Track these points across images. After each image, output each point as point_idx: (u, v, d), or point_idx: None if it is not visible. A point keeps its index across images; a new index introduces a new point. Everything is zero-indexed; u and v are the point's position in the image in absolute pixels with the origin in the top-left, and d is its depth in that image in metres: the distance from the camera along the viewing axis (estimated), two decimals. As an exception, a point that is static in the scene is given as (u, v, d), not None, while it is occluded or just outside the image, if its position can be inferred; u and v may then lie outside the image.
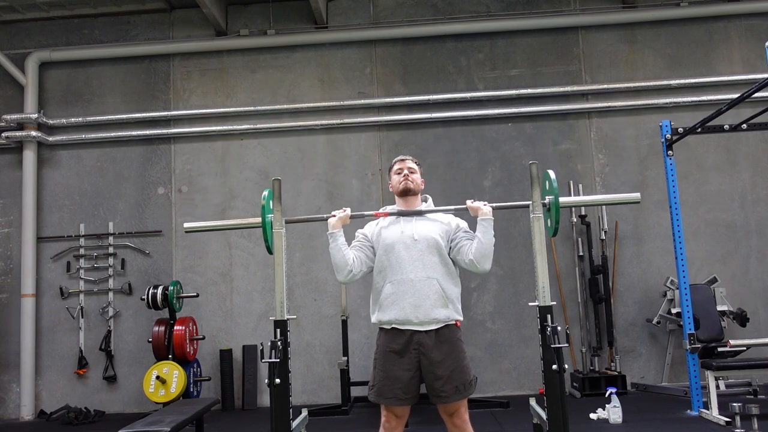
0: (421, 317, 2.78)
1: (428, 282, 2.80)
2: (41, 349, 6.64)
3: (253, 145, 6.88)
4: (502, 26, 6.86)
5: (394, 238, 2.88)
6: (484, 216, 2.89)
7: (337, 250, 2.91)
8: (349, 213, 3.03)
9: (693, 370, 4.90)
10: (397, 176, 3.02)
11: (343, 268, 2.90)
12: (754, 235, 6.52)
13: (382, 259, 2.88)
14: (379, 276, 2.90)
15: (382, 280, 2.88)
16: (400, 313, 2.79)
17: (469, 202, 2.98)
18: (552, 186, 2.95)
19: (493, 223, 2.88)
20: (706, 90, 6.65)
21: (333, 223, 2.97)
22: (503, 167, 6.70)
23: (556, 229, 2.98)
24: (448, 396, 2.77)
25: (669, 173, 5.09)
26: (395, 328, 2.83)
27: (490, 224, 2.87)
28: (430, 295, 2.79)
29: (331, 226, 2.97)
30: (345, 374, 5.79)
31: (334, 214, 3.02)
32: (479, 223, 2.89)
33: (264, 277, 6.63)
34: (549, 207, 2.98)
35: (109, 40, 7.06)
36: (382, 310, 2.84)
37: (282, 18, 6.99)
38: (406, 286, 2.80)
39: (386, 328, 2.86)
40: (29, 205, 6.70)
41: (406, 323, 2.80)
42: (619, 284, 6.49)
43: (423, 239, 2.86)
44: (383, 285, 2.86)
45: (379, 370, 2.83)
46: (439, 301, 2.80)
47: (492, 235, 2.86)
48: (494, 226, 2.90)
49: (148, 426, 3.60)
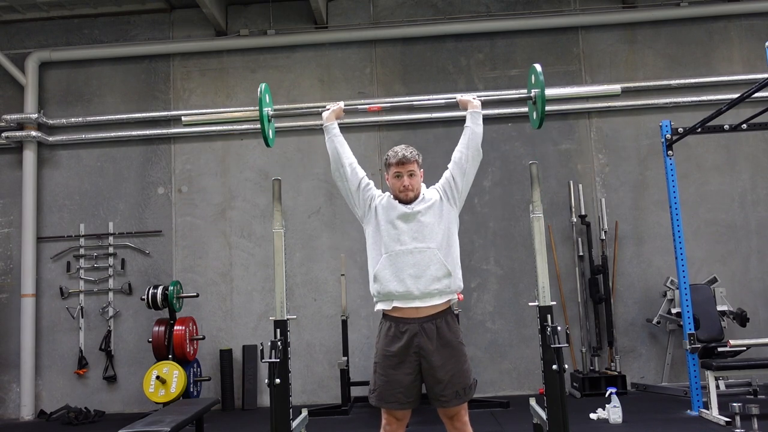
0: (422, 288, 2.70)
1: (428, 252, 2.74)
2: (41, 349, 6.64)
3: (253, 145, 6.87)
4: (502, 26, 6.86)
5: (393, 209, 2.82)
6: (473, 108, 2.96)
7: (335, 141, 2.93)
8: (342, 105, 3.06)
9: (693, 370, 4.90)
10: (396, 181, 2.92)
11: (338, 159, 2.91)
12: (754, 235, 6.52)
13: (381, 229, 2.81)
14: (377, 248, 2.81)
15: (379, 252, 2.79)
16: (400, 284, 2.71)
17: (459, 95, 3.06)
18: (538, 79, 3.03)
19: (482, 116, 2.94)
20: (706, 90, 6.65)
21: (327, 115, 2.99)
22: (503, 167, 6.70)
23: (541, 120, 3.06)
24: (449, 400, 2.73)
25: (669, 173, 5.09)
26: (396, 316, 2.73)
27: (480, 115, 2.95)
28: (430, 265, 2.72)
29: (325, 119, 2.98)
30: (345, 374, 5.79)
31: (327, 107, 3.03)
32: (469, 114, 2.94)
33: (264, 277, 6.63)
34: (535, 100, 3.07)
35: (109, 40, 7.06)
36: (381, 282, 2.76)
37: (282, 18, 6.99)
38: (406, 257, 2.73)
39: (387, 314, 2.78)
40: (29, 205, 6.70)
41: (407, 297, 2.71)
42: (619, 284, 6.49)
43: (424, 209, 2.80)
44: (381, 257, 2.78)
45: (380, 374, 2.78)
46: (440, 270, 2.73)
47: (481, 124, 2.93)
48: (494, 226, 2.90)
49: (148, 426, 3.60)
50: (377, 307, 2.83)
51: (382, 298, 2.79)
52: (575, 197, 6.50)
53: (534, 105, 3.06)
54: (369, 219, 2.88)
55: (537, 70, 3.05)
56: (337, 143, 2.93)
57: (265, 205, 6.69)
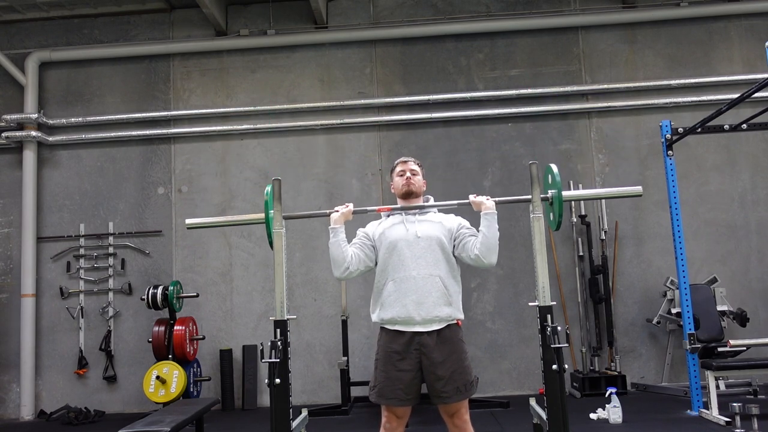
0: (424, 314, 2.76)
1: (431, 279, 2.79)
2: (41, 349, 6.64)
3: (253, 145, 6.88)
4: (502, 26, 6.86)
5: (397, 236, 2.88)
6: (487, 210, 2.89)
7: (336, 246, 2.90)
8: (351, 209, 3.03)
9: (693, 370, 4.90)
10: (399, 178, 3.01)
11: (341, 264, 2.90)
12: (754, 235, 6.52)
13: (385, 257, 2.87)
14: (381, 274, 2.89)
15: (384, 277, 2.87)
16: (402, 310, 2.77)
17: (472, 197, 2.99)
18: (555, 180, 2.96)
19: (497, 217, 2.88)
20: (706, 90, 6.65)
21: (335, 218, 2.98)
22: (503, 167, 6.70)
23: (559, 223, 3.00)
24: (449, 397, 2.76)
25: (669, 173, 5.09)
26: (397, 330, 2.82)
27: (494, 218, 2.87)
28: (432, 293, 2.78)
29: (333, 221, 2.97)
30: (345, 374, 5.79)
31: (336, 209, 3.02)
32: (483, 217, 2.89)
33: (264, 277, 6.63)
34: (552, 201, 3.00)
35: (109, 40, 7.06)
36: (384, 308, 2.83)
37: (282, 18, 6.99)
38: (409, 283, 2.79)
39: (388, 328, 2.85)
40: (29, 205, 6.70)
41: (409, 322, 2.78)
42: (619, 284, 6.49)
43: (426, 237, 2.85)
44: (385, 282, 2.85)
45: (381, 370, 2.82)
46: (441, 298, 2.79)
47: (496, 229, 2.86)
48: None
49: (148, 426, 3.60)
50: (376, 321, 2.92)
51: (384, 323, 2.87)
52: (575, 197, 6.50)
53: (551, 206, 3.02)
54: (379, 248, 2.95)
55: (553, 171, 2.98)
56: (344, 250, 2.91)
57: (265, 205, 6.67)
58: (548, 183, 3.04)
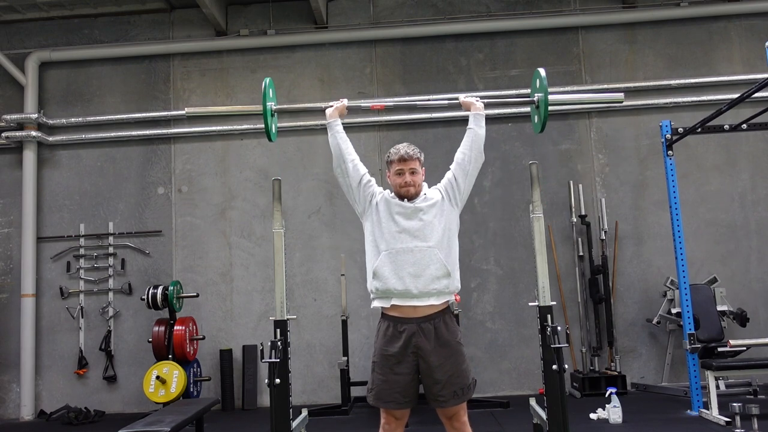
0: (421, 287, 2.69)
1: (428, 251, 2.72)
2: (41, 349, 6.64)
3: (253, 145, 6.88)
4: (502, 26, 6.86)
5: (393, 206, 2.81)
6: (476, 111, 2.96)
7: (337, 137, 2.95)
8: (346, 103, 3.07)
9: (693, 370, 4.90)
10: (397, 178, 2.93)
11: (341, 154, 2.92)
12: (754, 235, 6.52)
13: (381, 226, 2.79)
14: (376, 244, 2.80)
15: (378, 249, 2.78)
16: (399, 282, 2.70)
17: (462, 96, 3.05)
18: (542, 83, 3.03)
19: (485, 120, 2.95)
20: (706, 90, 6.65)
21: (330, 112, 3.01)
22: (503, 167, 6.70)
23: (543, 125, 3.05)
24: (447, 400, 2.72)
25: (669, 173, 5.09)
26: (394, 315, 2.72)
27: (482, 117, 2.95)
28: (430, 265, 2.71)
29: (328, 116, 3.00)
30: (345, 374, 5.79)
31: (331, 104, 3.05)
32: (472, 116, 2.94)
33: (264, 277, 6.63)
34: (538, 104, 3.07)
35: (109, 40, 7.06)
36: (380, 279, 2.74)
37: (282, 18, 6.99)
38: (406, 255, 2.72)
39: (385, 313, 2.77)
40: (29, 205, 6.70)
41: (406, 295, 2.70)
42: (619, 284, 6.49)
43: (424, 206, 2.80)
44: (380, 253, 2.76)
45: (378, 373, 2.78)
46: (439, 270, 2.72)
47: (483, 126, 2.93)
48: (494, 226, 2.90)
49: (148, 426, 3.60)
50: (374, 304, 2.82)
51: (380, 295, 2.77)
52: (575, 197, 6.50)
53: (537, 109, 3.06)
54: (369, 214, 2.87)
55: (541, 75, 3.04)
56: (340, 139, 2.94)
57: (265, 205, 6.69)
58: (536, 87, 3.11)
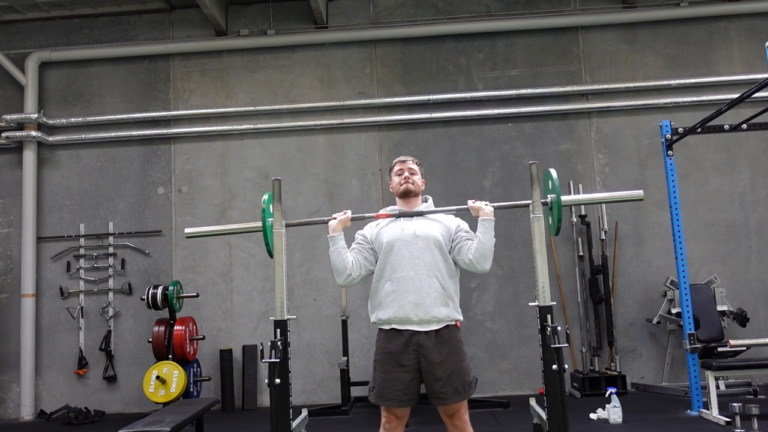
0: (421, 315, 2.76)
1: (429, 280, 2.79)
2: (41, 349, 6.64)
3: (253, 145, 6.88)
4: (502, 26, 6.86)
5: (394, 236, 2.87)
6: (485, 216, 2.87)
7: (336, 254, 2.90)
8: (349, 216, 3.02)
9: (693, 370, 4.90)
10: (397, 177, 3.01)
11: (343, 271, 2.90)
12: (754, 235, 6.52)
13: (383, 257, 2.87)
14: (379, 274, 2.88)
15: (381, 278, 2.86)
16: (400, 310, 2.77)
17: (471, 202, 2.97)
18: (554, 185, 2.95)
19: (494, 224, 2.87)
20: (706, 90, 6.65)
21: (333, 226, 2.97)
22: (503, 167, 6.70)
23: (558, 228, 2.97)
24: (448, 397, 2.75)
25: (669, 173, 5.09)
26: (394, 329, 2.81)
27: (491, 224, 2.86)
28: (430, 293, 2.77)
29: (331, 230, 2.96)
30: (345, 374, 5.79)
31: (334, 216, 3.01)
32: (480, 223, 2.87)
33: (264, 277, 6.63)
34: (551, 206, 2.98)
35: (109, 40, 7.06)
36: (382, 308, 2.82)
37: (282, 18, 6.99)
38: (407, 283, 2.78)
39: (385, 328, 2.85)
40: (29, 205, 6.70)
41: (406, 322, 2.77)
42: (619, 284, 6.49)
43: (424, 236, 2.84)
44: (383, 283, 2.85)
45: (379, 371, 2.82)
46: (439, 299, 2.78)
47: (492, 236, 2.85)
48: (495, 225, 2.89)
49: (148, 426, 3.60)
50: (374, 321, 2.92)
51: (381, 324, 2.87)
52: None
53: (550, 210, 3.00)
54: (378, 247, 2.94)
55: (553, 176, 2.95)
56: (343, 257, 2.91)
57: (265, 205, 6.67)
58: (548, 188, 3.02)
